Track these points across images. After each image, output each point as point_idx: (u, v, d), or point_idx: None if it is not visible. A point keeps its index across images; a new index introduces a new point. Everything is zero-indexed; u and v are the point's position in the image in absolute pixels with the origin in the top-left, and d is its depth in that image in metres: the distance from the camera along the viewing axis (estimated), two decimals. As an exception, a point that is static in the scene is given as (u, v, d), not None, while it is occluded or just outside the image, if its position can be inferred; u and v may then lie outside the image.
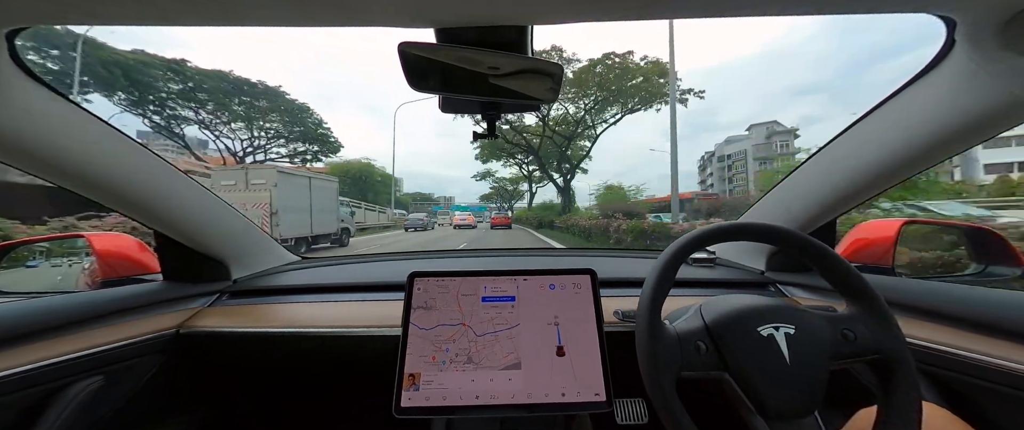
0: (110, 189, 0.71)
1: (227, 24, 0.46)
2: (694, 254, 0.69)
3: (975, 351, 0.57)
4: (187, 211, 0.84)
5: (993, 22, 0.45)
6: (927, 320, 0.66)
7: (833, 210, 0.83)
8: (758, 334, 0.52)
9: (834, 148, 0.76)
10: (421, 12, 0.44)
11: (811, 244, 0.57)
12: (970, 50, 0.50)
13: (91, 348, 0.68)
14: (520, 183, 38.52)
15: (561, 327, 0.67)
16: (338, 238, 12.27)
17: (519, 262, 1.21)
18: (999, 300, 0.61)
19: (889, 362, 0.50)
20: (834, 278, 0.56)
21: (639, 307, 0.53)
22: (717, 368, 0.52)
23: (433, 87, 0.54)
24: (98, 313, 0.74)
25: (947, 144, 0.61)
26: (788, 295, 0.91)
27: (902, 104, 0.63)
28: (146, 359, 0.78)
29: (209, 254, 0.93)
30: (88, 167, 0.66)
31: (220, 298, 0.96)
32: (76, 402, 0.66)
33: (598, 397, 0.62)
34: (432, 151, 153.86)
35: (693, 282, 0.93)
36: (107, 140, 0.67)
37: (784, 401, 0.49)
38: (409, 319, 0.68)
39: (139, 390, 0.78)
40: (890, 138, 0.66)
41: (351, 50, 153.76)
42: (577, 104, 19.11)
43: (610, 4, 0.43)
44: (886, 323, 0.51)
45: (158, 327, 0.80)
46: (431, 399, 0.62)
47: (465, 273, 0.73)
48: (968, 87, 0.53)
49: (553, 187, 24.77)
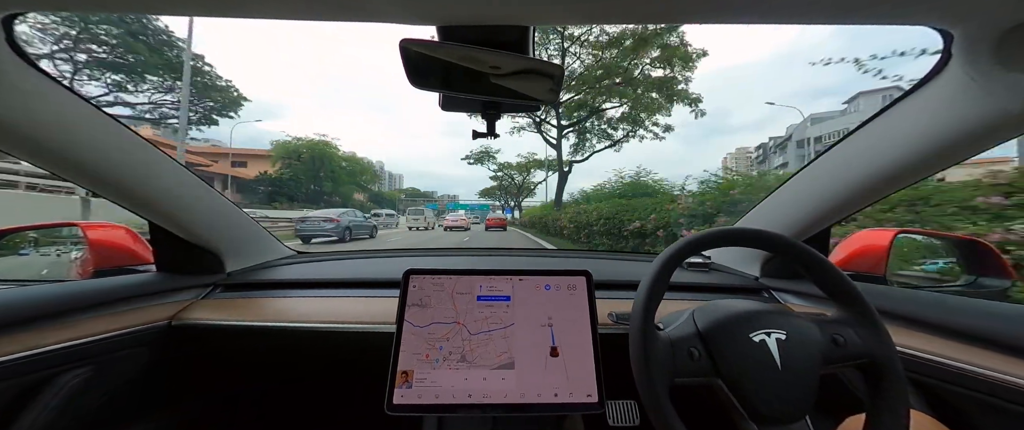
0: (106, 178, 0.70)
1: (229, 15, 0.46)
2: (689, 258, 0.69)
3: (963, 361, 0.58)
4: (183, 202, 0.84)
5: (988, 38, 0.45)
6: (917, 329, 0.67)
7: (827, 218, 0.84)
8: (750, 340, 0.52)
9: (830, 157, 0.77)
10: (423, 10, 0.44)
11: (804, 251, 0.57)
12: (965, 64, 0.50)
13: (81, 338, 0.68)
14: (532, 172, 29.15)
15: (555, 328, 0.68)
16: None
17: (515, 262, 1.21)
18: (988, 311, 0.62)
19: (878, 368, 0.50)
20: (826, 285, 0.57)
21: (633, 311, 0.53)
22: (709, 374, 0.52)
23: (434, 85, 0.54)
24: (89, 303, 0.73)
25: (941, 157, 0.62)
26: (781, 301, 0.91)
27: (898, 116, 0.64)
28: (137, 350, 0.77)
29: (204, 246, 0.93)
30: (85, 155, 0.65)
31: (214, 291, 0.95)
32: (64, 392, 0.65)
33: (590, 398, 0.63)
34: (439, 150, 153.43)
35: (688, 286, 0.94)
36: (104, 129, 0.66)
37: (775, 406, 0.49)
38: (404, 316, 0.68)
39: (129, 382, 0.77)
40: (885, 149, 0.67)
41: (363, 45, 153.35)
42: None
43: (612, 8, 0.44)
44: (876, 329, 0.52)
45: (150, 318, 0.79)
46: (423, 397, 0.62)
47: (461, 272, 0.73)
48: (963, 101, 0.54)
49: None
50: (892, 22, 0.45)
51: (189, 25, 12.88)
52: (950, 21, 0.46)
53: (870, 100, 41.77)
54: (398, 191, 69.22)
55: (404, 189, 74.14)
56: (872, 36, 62.08)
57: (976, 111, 0.53)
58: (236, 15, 0.46)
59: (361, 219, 14.87)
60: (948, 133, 0.58)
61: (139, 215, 0.82)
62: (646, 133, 16.58)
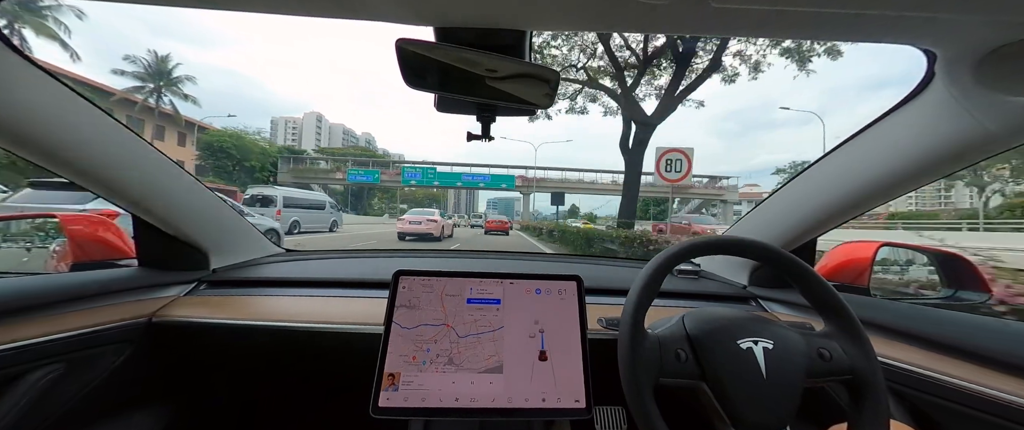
0: (89, 169, 0.69)
1: (230, 8, 0.45)
2: (679, 265, 0.70)
3: (944, 373, 0.59)
4: (167, 196, 0.82)
5: (969, 58, 0.47)
6: (899, 340, 0.68)
7: (814, 230, 0.85)
8: (737, 346, 0.53)
9: (818, 170, 0.79)
10: (421, 10, 0.44)
11: (792, 262, 0.58)
12: (948, 83, 0.52)
13: (54, 334, 0.65)
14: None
15: (545, 332, 0.67)
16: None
17: (506, 265, 1.21)
18: (968, 324, 0.64)
19: (861, 383, 0.51)
20: (812, 296, 0.58)
21: (623, 311, 0.53)
22: (695, 377, 0.52)
23: (430, 86, 0.54)
24: (65, 297, 0.71)
25: (923, 172, 0.63)
26: (768, 310, 0.92)
27: (883, 131, 0.65)
28: (114, 347, 0.75)
29: (188, 241, 0.91)
30: (68, 145, 0.64)
31: (197, 287, 0.93)
32: (34, 390, 0.63)
33: (578, 404, 0.62)
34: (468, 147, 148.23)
35: (677, 293, 0.95)
36: (90, 119, 0.65)
37: (758, 414, 0.49)
38: (392, 318, 0.67)
39: (105, 380, 0.75)
40: (870, 163, 0.68)
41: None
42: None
43: (608, 15, 0.44)
44: (860, 344, 0.53)
45: (129, 314, 0.77)
46: (410, 400, 0.62)
47: (451, 273, 0.72)
48: (945, 118, 0.55)
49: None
50: (879, 40, 0.46)
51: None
52: (933, 42, 0.48)
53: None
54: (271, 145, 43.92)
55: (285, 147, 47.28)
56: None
57: (957, 129, 0.55)
58: (234, 8, 0.45)
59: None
60: (930, 149, 0.59)
61: (122, 208, 0.80)
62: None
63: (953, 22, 0.43)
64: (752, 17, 0.42)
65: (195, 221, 0.90)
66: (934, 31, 0.45)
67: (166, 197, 0.82)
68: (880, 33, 0.45)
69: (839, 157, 0.74)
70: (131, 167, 0.74)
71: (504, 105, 0.58)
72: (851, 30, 0.44)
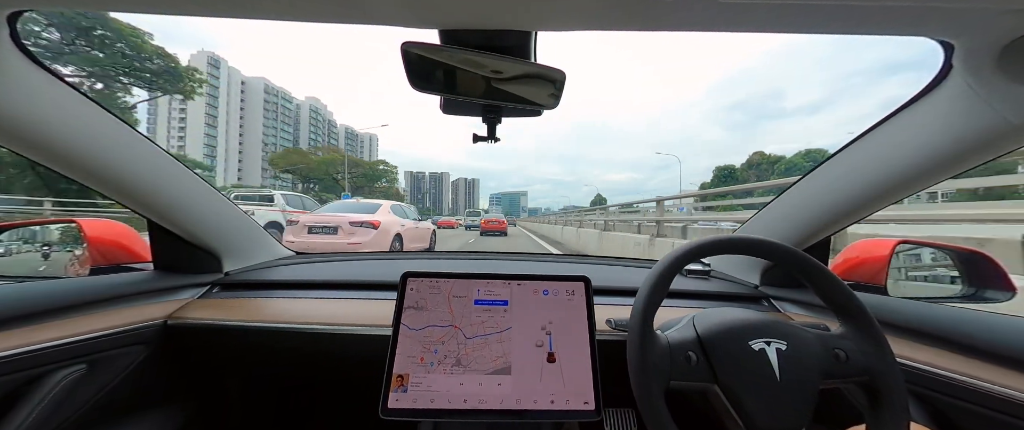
0: (106, 176, 0.70)
1: (233, 16, 0.46)
2: (689, 265, 0.69)
3: (965, 374, 0.57)
4: (182, 201, 0.84)
5: (989, 49, 0.45)
6: (918, 341, 0.66)
7: (828, 227, 0.83)
8: (750, 348, 0.52)
9: (831, 166, 0.77)
10: (425, 13, 0.44)
11: (805, 260, 0.57)
12: (967, 75, 0.50)
13: (75, 336, 0.67)
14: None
15: (553, 333, 0.67)
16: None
17: (514, 266, 1.21)
18: (992, 324, 0.62)
19: (879, 385, 0.50)
20: (827, 296, 0.56)
21: (632, 312, 0.53)
22: (706, 379, 0.52)
23: (435, 88, 0.54)
24: (84, 300, 0.73)
25: (941, 167, 0.61)
26: (781, 310, 0.91)
27: (899, 126, 0.64)
28: (132, 349, 0.77)
29: (202, 245, 0.93)
30: (86, 153, 0.65)
31: (211, 290, 0.95)
32: (57, 390, 0.64)
33: (587, 406, 0.62)
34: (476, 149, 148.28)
35: (687, 294, 0.93)
36: (106, 126, 0.66)
37: (772, 417, 0.48)
38: (400, 319, 0.68)
39: (123, 380, 0.76)
40: (886, 158, 0.66)
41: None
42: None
43: (613, 14, 0.44)
44: (878, 345, 0.51)
45: (146, 317, 0.79)
46: (418, 401, 0.62)
47: (459, 275, 0.72)
48: (963, 112, 0.54)
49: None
50: (895, 33, 0.45)
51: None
52: (952, 33, 0.46)
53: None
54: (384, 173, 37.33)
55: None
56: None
57: (977, 122, 0.53)
58: (240, 15, 0.46)
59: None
60: (949, 143, 0.58)
61: (138, 213, 0.82)
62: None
63: (972, 12, 0.41)
64: (762, 12, 0.42)
65: (209, 226, 0.92)
66: (952, 22, 0.43)
67: (182, 202, 0.84)
68: (895, 26, 0.44)
69: (853, 153, 0.72)
70: (149, 174, 0.76)
71: (510, 106, 0.58)
72: (865, 23, 0.43)
